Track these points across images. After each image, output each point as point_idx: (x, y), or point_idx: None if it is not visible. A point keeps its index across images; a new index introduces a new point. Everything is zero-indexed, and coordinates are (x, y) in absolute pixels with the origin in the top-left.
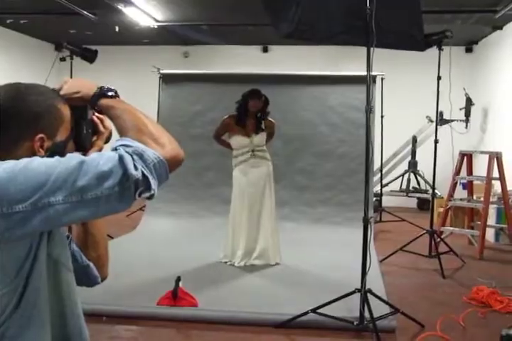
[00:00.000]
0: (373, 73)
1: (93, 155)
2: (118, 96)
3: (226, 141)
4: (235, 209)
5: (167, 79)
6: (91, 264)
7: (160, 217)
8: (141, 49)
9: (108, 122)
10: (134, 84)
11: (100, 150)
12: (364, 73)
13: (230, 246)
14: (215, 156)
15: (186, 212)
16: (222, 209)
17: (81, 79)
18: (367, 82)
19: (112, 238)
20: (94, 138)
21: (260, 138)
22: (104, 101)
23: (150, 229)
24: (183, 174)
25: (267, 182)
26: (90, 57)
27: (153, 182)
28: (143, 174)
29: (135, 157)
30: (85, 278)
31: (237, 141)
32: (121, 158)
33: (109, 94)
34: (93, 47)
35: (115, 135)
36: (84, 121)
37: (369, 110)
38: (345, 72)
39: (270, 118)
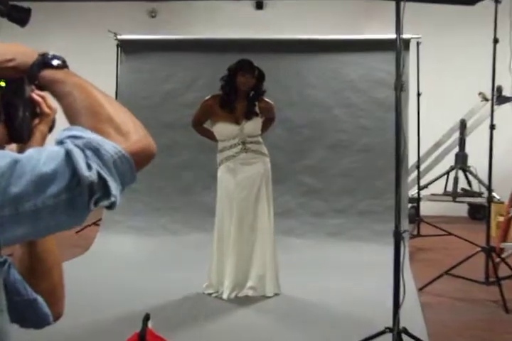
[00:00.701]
0: (405, 36)
1: (29, 151)
2: (67, 67)
3: (209, 130)
4: (222, 221)
5: (128, 48)
6: (39, 298)
7: (121, 233)
8: (91, 6)
9: (53, 101)
10: (82, 55)
11: (44, 138)
12: (393, 36)
13: (215, 272)
14: (195, 151)
15: (156, 227)
16: (204, 222)
17: (16, 44)
18: (396, 47)
19: None
20: (36, 121)
21: (253, 125)
22: (47, 73)
23: (108, 251)
24: (151, 175)
25: (263, 184)
26: (21, 17)
27: (114, 186)
28: (99, 175)
29: (88, 152)
30: (32, 317)
31: (222, 129)
32: (68, 155)
33: (55, 63)
34: (25, 4)
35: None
36: (19, 99)
37: (400, 87)
38: (368, 35)
39: (267, 99)
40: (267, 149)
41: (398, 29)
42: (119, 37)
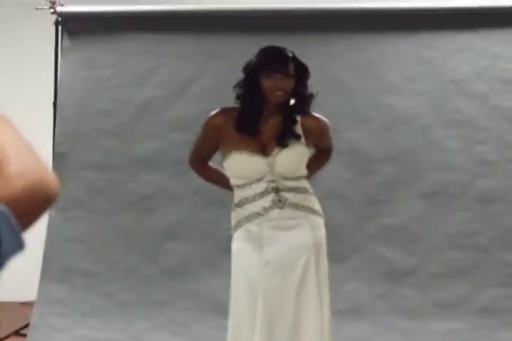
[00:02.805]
0: None
1: None
2: None
3: (219, 171)
4: (239, 326)
5: (75, 27)
6: None
7: None
8: None
9: None
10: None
11: None
12: None
13: None
14: (191, 205)
15: (126, 338)
16: (208, 328)
17: None
18: None
19: None
20: None
21: (292, 156)
22: None
23: None
24: (117, 249)
25: (312, 264)
26: None
27: None
28: None
29: None
30: None
31: (239, 164)
32: None
33: None
34: None
35: None
36: None
37: None
38: (490, 2)
39: (316, 114)
40: (319, 200)
41: None
42: (58, 8)
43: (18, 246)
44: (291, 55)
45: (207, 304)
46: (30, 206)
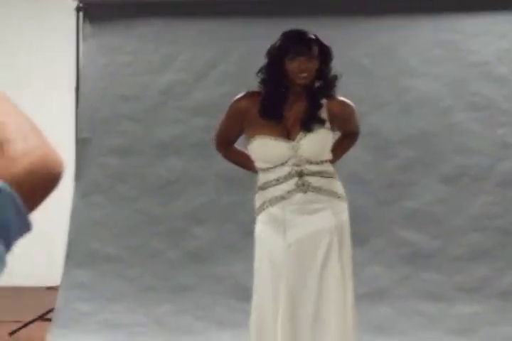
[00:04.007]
0: None
1: None
2: None
3: (245, 153)
4: (262, 309)
5: (96, 14)
6: None
7: (89, 333)
8: None
9: None
10: (21, 26)
11: None
12: None
13: None
14: (215, 189)
15: (150, 322)
16: (231, 311)
17: None
18: None
19: None
20: None
21: (316, 140)
22: None
23: None
24: (140, 233)
25: (334, 247)
26: None
27: None
28: None
29: None
30: None
31: (263, 148)
32: None
33: None
34: None
35: None
36: None
37: None
38: None
39: (342, 98)
40: (343, 185)
41: None
42: None
43: (25, 227)
44: (314, 37)
45: (230, 288)
46: (35, 186)
